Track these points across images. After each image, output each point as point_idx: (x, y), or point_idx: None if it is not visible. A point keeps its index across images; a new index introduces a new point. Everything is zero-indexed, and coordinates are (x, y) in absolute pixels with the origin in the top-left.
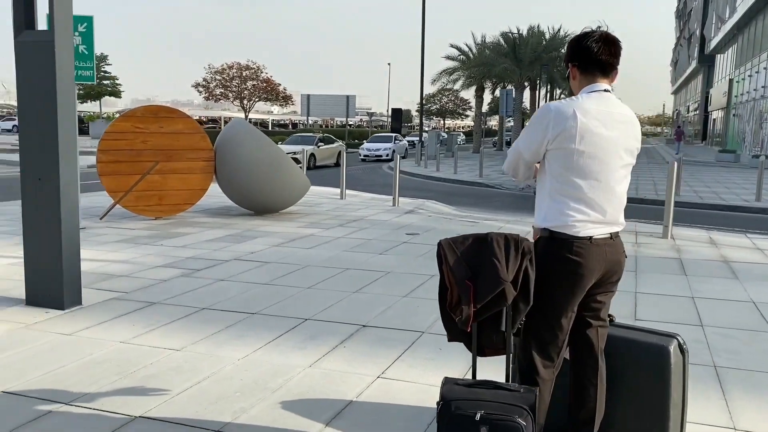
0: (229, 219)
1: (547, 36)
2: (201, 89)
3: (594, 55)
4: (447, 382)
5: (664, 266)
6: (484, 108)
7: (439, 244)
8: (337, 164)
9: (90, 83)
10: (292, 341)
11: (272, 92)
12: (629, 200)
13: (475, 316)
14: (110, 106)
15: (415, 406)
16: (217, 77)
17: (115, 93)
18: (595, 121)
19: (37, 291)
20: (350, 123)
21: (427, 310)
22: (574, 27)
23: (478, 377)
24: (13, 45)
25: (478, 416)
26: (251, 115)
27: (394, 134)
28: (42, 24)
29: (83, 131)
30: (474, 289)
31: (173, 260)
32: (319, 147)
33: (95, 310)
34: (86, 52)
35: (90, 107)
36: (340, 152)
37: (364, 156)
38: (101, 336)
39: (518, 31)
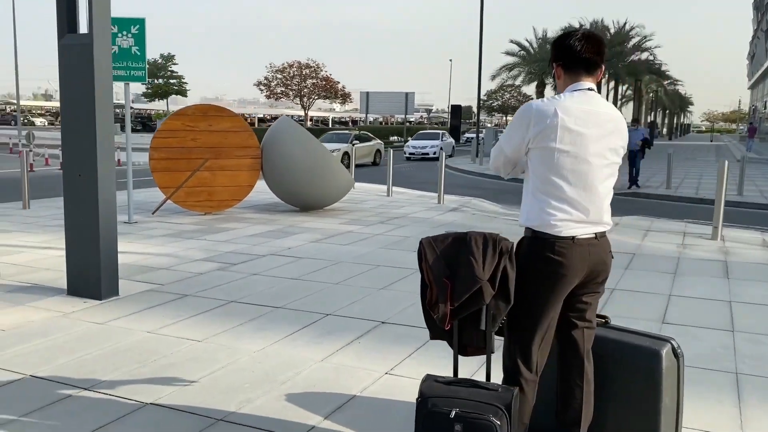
0: (274, 215)
1: (612, 31)
2: (262, 88)
3: (577, 54)
4: (427, 378)
5: (706, 269)
6: None
7: (420, 243)
8: (375, 163)
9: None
10: (309, 336)
11: (331, 90)
12: (687, 200)
13: (453, 314)
14: (178, 104)
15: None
16: (278, 76)
17: (182, 92)
18: (577, 119)
19: (77, 282)
20: (410, 120)
21: None
22: (640, 20)
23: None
24: (57, 47)
25: (452, 414)
26: (313, 113)
27: (441, 131)
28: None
29: (152, 128)
30: (451, 287)
31: (213, 254)
32: (354, 145)
33: (130, 301)
34: (138, 53)
35: (158, 105)
36: (378, 150)
37: (410, 154)
38: (131, 326)
39: (581, 25)
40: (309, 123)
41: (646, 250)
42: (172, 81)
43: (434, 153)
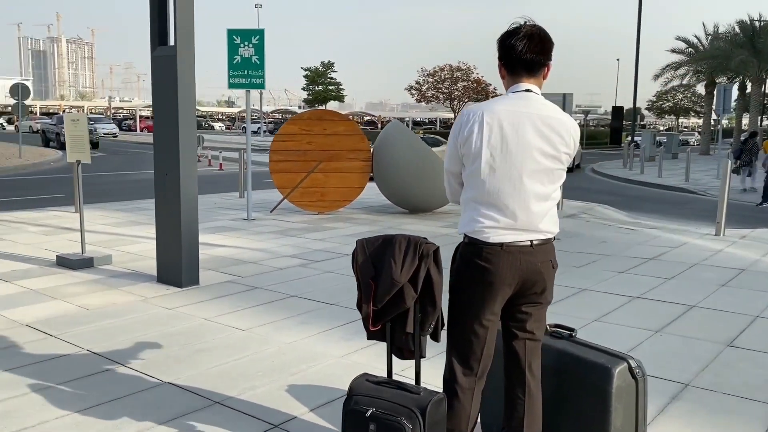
0: (380, 216)
1: None
2: (413, 92)
3: (518, 54)
4: (362, 377)
5: None
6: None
7: (356, 244)
8: None
9: (316, 89)
10: (342, 333)
11: (482, 92)
12: None
13: (377, 315)
14: (338, 110)
15: None
16: (429, 80)
17: (339, 97)
18: (505, 122)
19: (164, 270)
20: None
21: None
22: None
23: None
24: (150, 59)
25: (368, 413)
26: None
27: None
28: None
29: None
30: (375, 288)
31: (302, 251)
32: None
33: (205, 290)
34: (258, 62)
35: None
36: None
37: None
38: (193, 312)
39: (759, 17)
40: None
41: (761, 266)
42: (330, 87)
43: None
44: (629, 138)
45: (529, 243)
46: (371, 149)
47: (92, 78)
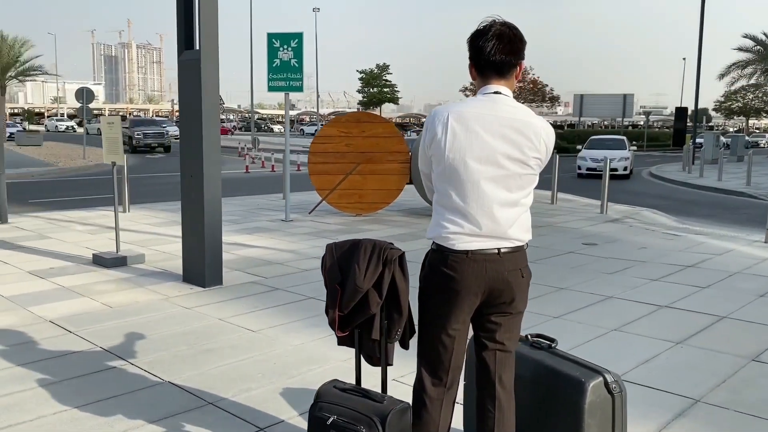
0: (417, 219)
1: None
2: (468, 93)
3: (486, 56)
4: (330, 383)
5: None
6: None
7: (325, 248)
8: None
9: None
10: None
11: (538, 93)
12: None
13: (344, 321)
14: (388, 112)
15: None
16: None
17: (394, 99)
18: (469, 125)
19: (189, 270)
20: (638, 123)
21: None
22: None
23: None
24: (177, 63)
25: (329, 421)
26: None
27: (623, 137)
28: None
29: None
30: (341, 294)
31: None
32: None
33: (227, 291)
34: (296, 65)
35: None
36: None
37: (587, 170)
38: (209, 312)
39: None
40: None
41: None
42: (385, 89)
43: (624, 168)
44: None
45: (496, 251)
46: (410, 151)
47: (160, 81)
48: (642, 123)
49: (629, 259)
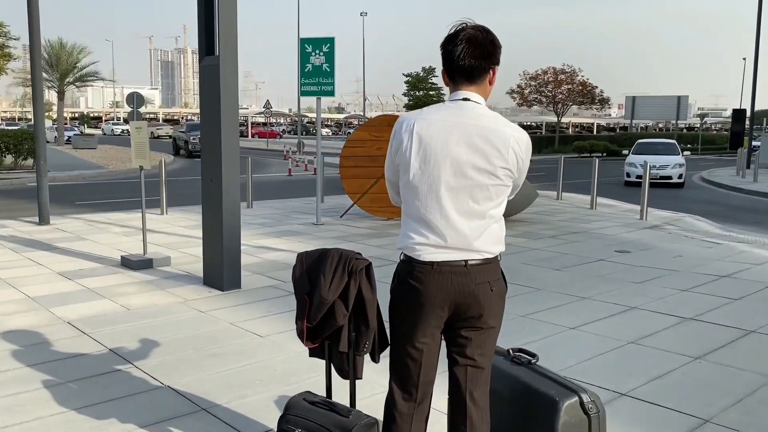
0: None
1: None
2: (515, 95)
3: (455, 61)
4: (301, 395)
5: None
6: None
7: (296, 258)
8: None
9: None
10: None
11: (587, 95)
12: None
13: (312, 332)
14: None
15: None
16: (532, 83)
17: (440, 101)
18: (434, 133)
19: (209, 274)
20: (695, 126)
21: (531, 332)
22: None
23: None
24: (198, 68)
25: None
26: (576, 120)
27: (673, 140)
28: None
29: None
30: (309, 304)
31: None
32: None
33: (244, 295)
34: (328, 70)
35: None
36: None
37: (636, 177)
38: (222, 316)
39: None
40: (570, 130)
41: None
42: (431, 93)
43: (680, 177)
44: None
45: (463, 263)
46: None
47: None
48: (698, 125)
49: (661, 267)
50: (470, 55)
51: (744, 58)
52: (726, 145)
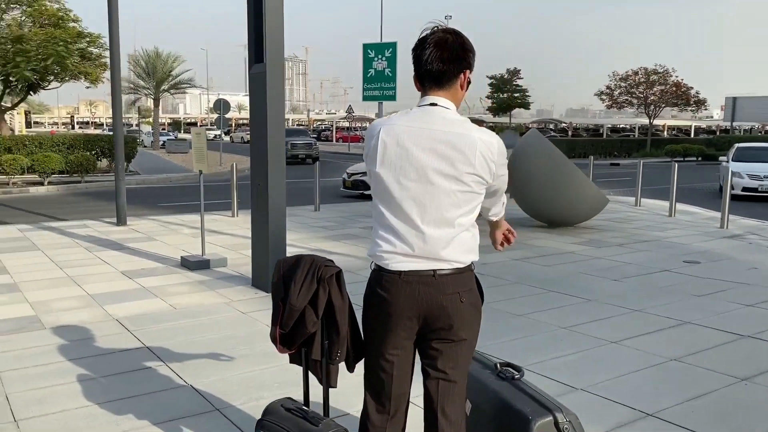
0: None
1: None
2: (604, 97)
3: (424, 65)
4: (280, 401)
5: None
6: None
7: (275, 264)
8: None
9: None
10: None
11: (682, 97)
12: None
13: (285, 339)
14: (521, 117)
15: None
16: (621, 84)
17: (524, 105)
18: (400, 139)
19: (257, 275)
20: None
21: (568, 345)
22: None
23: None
24: (248, 76)
25: None
26: (665, 122)
27: None
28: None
29: None
30: (282, 310)
31: None
32: None
33: None
34: (390, 74)
35: (501, 119)
36: None
37: (744, 189)
38: (261, 318)
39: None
40: (665, 133)
41: None
42: (516, 95)
43: None
44: None
45: (431, 273)
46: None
47: (305, 92)
48: None
49: (730, 280)
50: (438, 59)
51: None
52: None
